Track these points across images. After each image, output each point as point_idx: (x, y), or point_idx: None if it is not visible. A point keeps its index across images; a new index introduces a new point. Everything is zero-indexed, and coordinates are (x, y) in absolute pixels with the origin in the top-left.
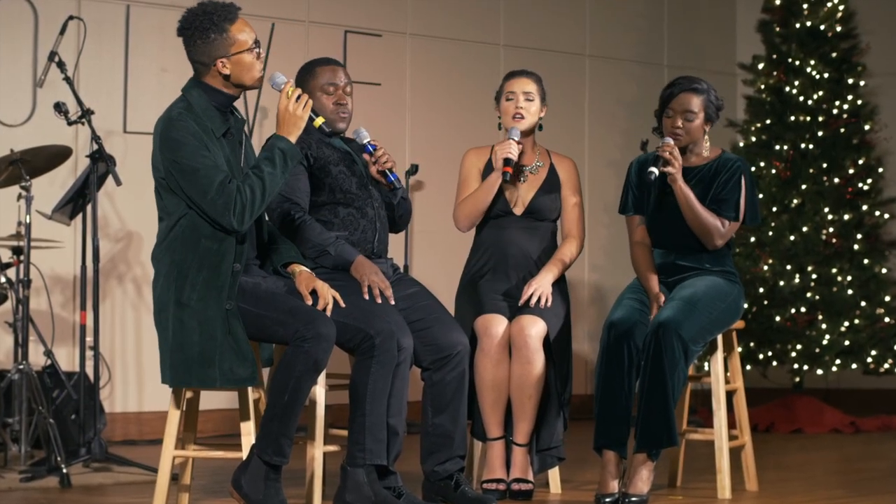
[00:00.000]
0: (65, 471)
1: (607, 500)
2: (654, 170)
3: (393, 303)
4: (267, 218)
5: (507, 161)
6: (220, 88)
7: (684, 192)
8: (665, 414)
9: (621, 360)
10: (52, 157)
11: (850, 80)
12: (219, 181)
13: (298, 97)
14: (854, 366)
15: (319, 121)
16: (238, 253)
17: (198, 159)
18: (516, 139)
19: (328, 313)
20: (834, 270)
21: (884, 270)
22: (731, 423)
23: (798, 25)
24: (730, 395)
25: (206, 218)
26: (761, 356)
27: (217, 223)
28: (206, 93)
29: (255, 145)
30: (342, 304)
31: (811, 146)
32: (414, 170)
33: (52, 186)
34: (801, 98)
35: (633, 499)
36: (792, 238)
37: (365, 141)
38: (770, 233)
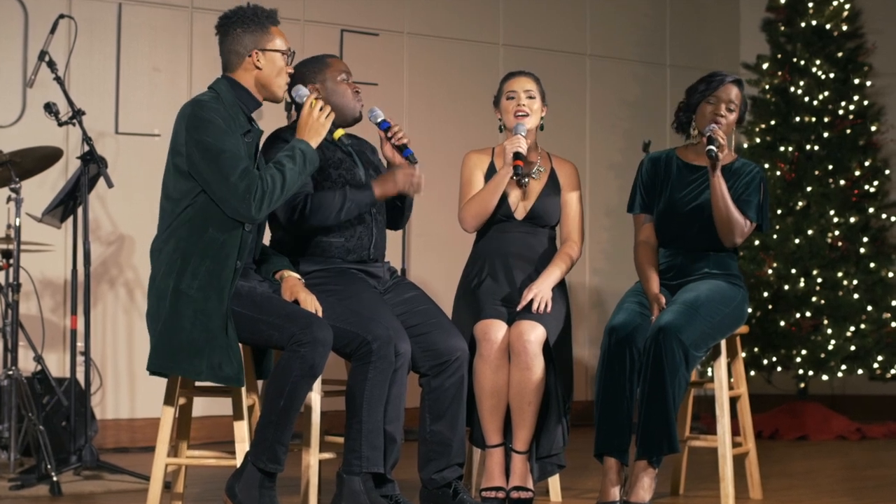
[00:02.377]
0: (55, 479)
1: None
2: (714, 148)
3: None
4: (267, 227)
5: (517, 155)
6: (248, 88)
7: (720, 182)
8: (665, 420)
9: (623, 365)
10: (42, 158)
11: (857, 81)
12: (242, 167)
13: (321, 108)
14: (860, 371)
15: (339, 133)
16: (241, 248)
17: (225, 142)
18: (523, 134)
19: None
20: (840, 274)
21: (890, 274)
22: (735, 430)
23: (803, 25)
24: (733, 401)
25: (222, 204)
26: (765, 361)
27: (234, 208)
28: (232, 87)
29: None
30: (319, 315)
31: (816, 147)
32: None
33: (43, 188)
34: (807, 98)
35: None
36: (797, 241)
37: (379, 119)
38: (774, 236)
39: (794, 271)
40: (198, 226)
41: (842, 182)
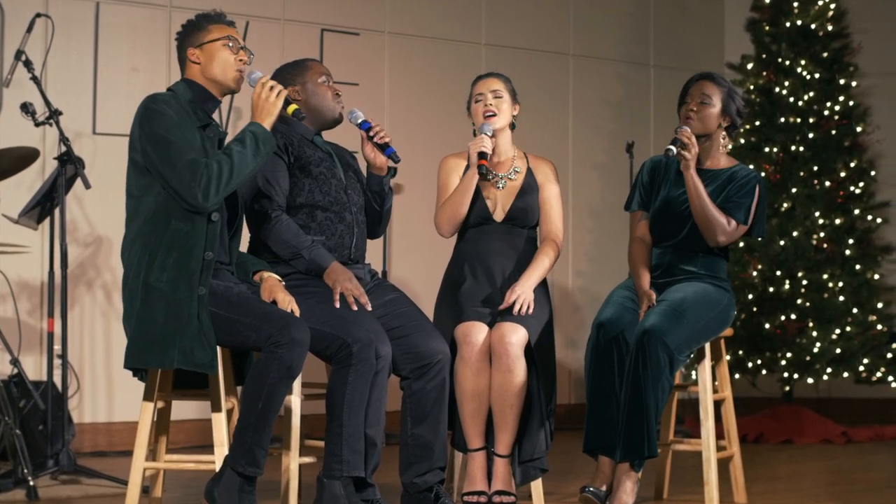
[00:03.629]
0: (32, 483)
1: (591, 489)
2: (673, 147)
3: (370, 309)
4: (245, 215)
5: (481, 155)
6: (202, 85)
7: (694, 181)
8: (646, 424)
9: (611, 361)
10: (18, 159)
11: (842, 81)
12: (190, 157)
13: (272, 87)
14: (846, 374)
15: (292, 108)
16: (209, 238)
17: (174, 132)
18: (489, 134)
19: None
20: (825, 276)
21: (876, 276)
22: (720, 434)
23: (788, 24)
24: (718, 404)
25: (175, 194)
26: (750, 364)
27: (183, 198)
28: (189, 87)
29: None
30: (296, 315)
31: (801, 148)
32: (393, 172)
33: (19, 190)
34: (792, 99)
35: None
36: (782, 243)
37: (359, 120)
38: (759, 238)
39: (779, 273)
40: (161, 220)
41: (827, 183)
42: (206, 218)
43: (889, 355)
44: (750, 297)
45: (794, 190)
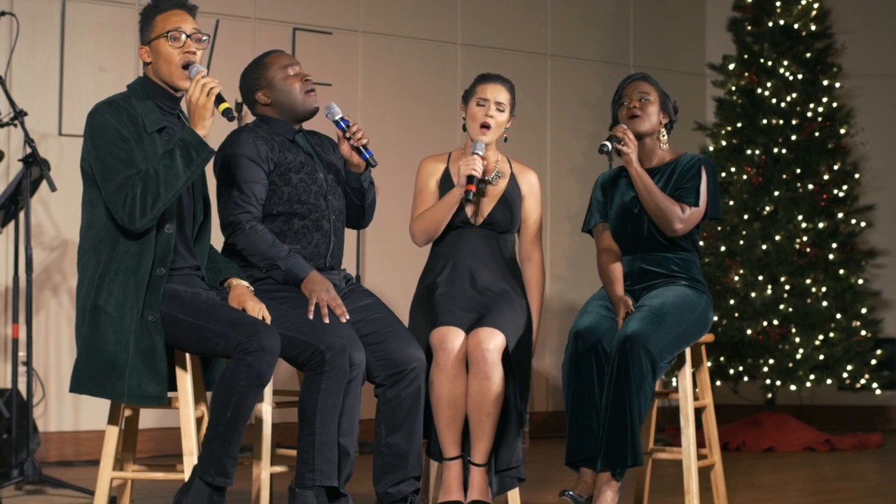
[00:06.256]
0: None
1: (571, 493)
2: (607, 143)
3: (345, 320)
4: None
5: (470, 178)
6: (160, 83)
7: (639, 173)
8: (630, 432)
9: (590, 370)
10: None
11: (825, 82)
12: (124, 175)
13: (203, 85)
14: (829, 381)
15: (223, 106)
16: (159, 255)
17: (111, 150)
18: (481, 154)
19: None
20: (808, 281)
21: (860, 281)
22: (700, 442)
23: (770, 24)
24: (699, 412)
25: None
26: (732, 371)
27: (115, 219)
28: (146, 86)
29: None
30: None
31: (784, 151)
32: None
33: None
34: (774, 100)
35: None
36: (764, 247)
37: (337, 117)
38: (741, 242)
39: (761, 278)
40: (111, 236)
41: (810, 186)
42: (153, 232)
43: (873, 362)
44: (731, 302)
45: (776, 193)
